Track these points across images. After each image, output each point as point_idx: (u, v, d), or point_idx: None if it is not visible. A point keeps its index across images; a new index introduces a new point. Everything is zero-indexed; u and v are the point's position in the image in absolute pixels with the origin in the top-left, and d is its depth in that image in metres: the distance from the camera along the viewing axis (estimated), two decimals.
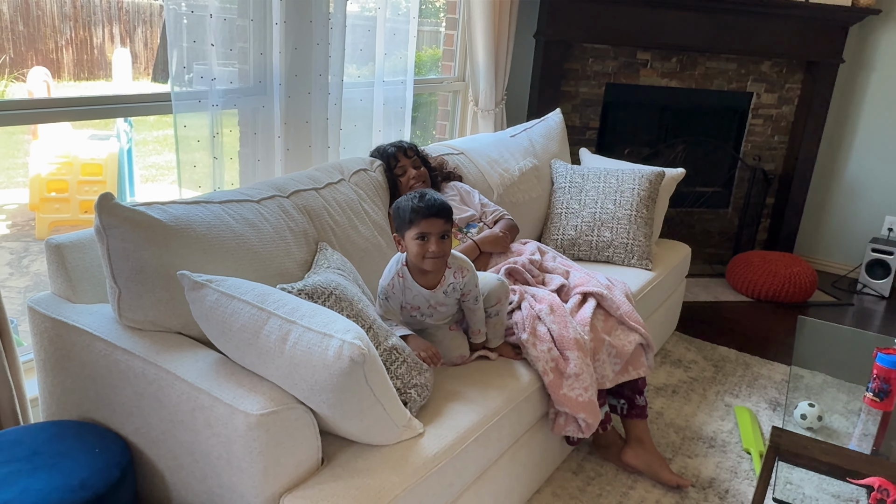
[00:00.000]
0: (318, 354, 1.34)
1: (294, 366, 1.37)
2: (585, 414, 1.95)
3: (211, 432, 1.43)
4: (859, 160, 4.27)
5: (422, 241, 1.77)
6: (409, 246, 1.80)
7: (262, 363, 1.42)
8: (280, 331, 1.38)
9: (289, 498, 1.41)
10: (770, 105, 4.16)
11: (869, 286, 4.09)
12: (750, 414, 2.66)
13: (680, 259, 3.11)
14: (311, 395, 1.39)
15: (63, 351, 1.67)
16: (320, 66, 2.51)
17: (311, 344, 1.35)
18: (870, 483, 1.58)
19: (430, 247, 1.76)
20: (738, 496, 2.20)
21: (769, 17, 3.83)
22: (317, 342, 1.35)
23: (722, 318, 3.62)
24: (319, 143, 2.60)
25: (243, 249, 1.76)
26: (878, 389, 1.92)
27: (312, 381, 1.36)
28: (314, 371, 1.35)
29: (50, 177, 4.62)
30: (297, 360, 1.36)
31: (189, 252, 1.63)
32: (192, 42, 2.14)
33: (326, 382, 1.35)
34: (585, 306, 2.18)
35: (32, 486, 1.43)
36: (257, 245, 1.81)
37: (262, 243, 1.82)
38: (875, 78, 4.13)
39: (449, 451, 1.60)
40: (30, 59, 8.56)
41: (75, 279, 1.73)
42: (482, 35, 3.31)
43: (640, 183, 2.91)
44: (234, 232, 1.76)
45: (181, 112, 2.16)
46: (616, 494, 2.16)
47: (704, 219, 4.32)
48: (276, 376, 1.42)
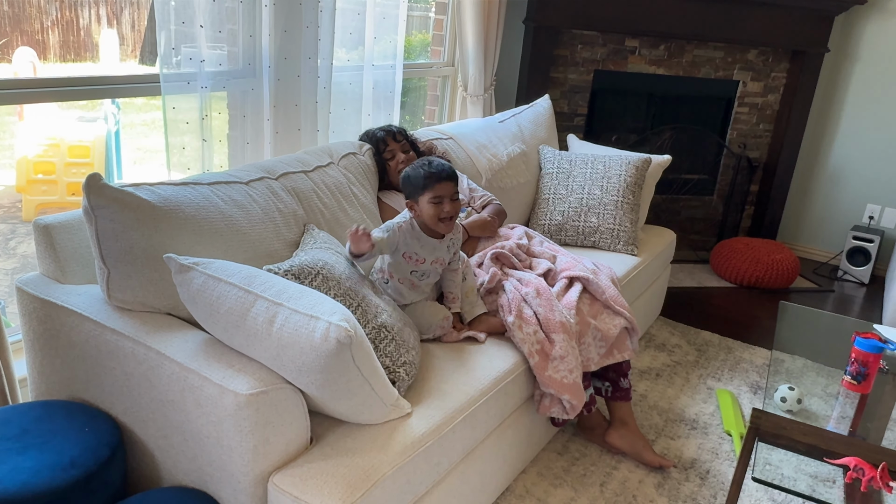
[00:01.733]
0: (305, 336, 1.35)
1: (282, 347, 1.37)
2: (570, 395, 1.97)
3: (201, 412, 1.43)
4: (842, 149, 4.30)
5: (437, 204, 1.88)
6: (425, 209, 1.90)
7: (250, 345, 1.42)
8: (267, 313, 1.38)
9: (278, 476, 1.42)
10: (756, 93, 4.17)
11: (849, 273, 4.14)
12: (731, 397, 2.69)
13: (665, 245, 3.13)
14: (300, 377, 1.40)
15: (52, 331, 1.67)
16: (310, 49, 2.50)
17: (298, 326, 1.36)
18: (846, 463, 1.60)
19: (444, 207, 1.89)
20: (719, 476, 2.23)
21: (756, 6, 3.83)
22: (304, 324, 1.35)
23: (705, 303, 3.65)
24: (308, 126, 2.59)
25: (232, 230, 1.76)
26: (856, 373, 1.95)
27: (300, 362, 1.37)
28: (301, 353, 1.35)
29: (37, 159, 4.56)
30: (285, 342, 1.36)
31: (178, 233, 1.63)
32: (180, 24, 2.12)
33: (314, 364, 1.36)
34: (571, 290, 2.19)
35: (23, 465, 1.43)
36: (246, 226, 1.80)
37: (250, 224, 1.82)
38: (859, 68, 4.15)
39: (436, 431, 1.61)
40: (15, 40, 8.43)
41: (64, 260, 1.73)
42: (472, 20, 3.29)
43: (627, 169, 2.92)
44: (223, 213, 1.76)
45: (170, 94, 2.14)
46: (600, 474, 2.19)
47: (690, 205, 4.34)
48: (264, 358, 1.42)
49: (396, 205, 2.37)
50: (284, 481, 1.41)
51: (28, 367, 1.78)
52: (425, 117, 3.86)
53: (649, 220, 4.16)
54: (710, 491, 2.16)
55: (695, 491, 2.15)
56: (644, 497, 2.11)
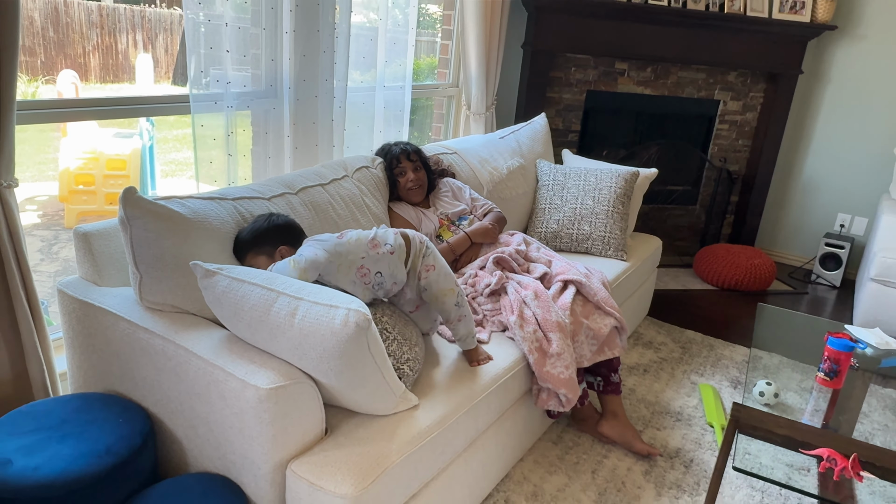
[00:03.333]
0: (326, 324, 1.35)
1: (304, 337, 1.37)
2: (566, 390, 1.96)
3: (225, 404, 1.43)
4: (815, 163, 4.28)
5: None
6: None
7: (272, 339, 1.42)
8: (289, 307, 1.38)
9: (296, 464, 1.42)
10: (735, 112, 4.16)
11: (822, 277, 4.12)
12: (713, 391, 2.68)
13: (652, 251, 3.12)
14: (320, 364, 1.39)
15: (90, 330, 1.67)
16: (326, 71, 2.50)
17: (319, 315, 1.36)
18: (820, 454, 1.59)
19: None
20: (702, 465, 2.22)
21: (736, 32, 3.83)
22: (324, 313, 1.35)
23: (689, 304, 3.63)
24: (325, 142, 2.59)
25: None
26: (829, 370, 1.94)
27: (321, 349, 1.37)
28: (322, 339, 1.35)
29: (78, 171, 4.59)
30: (307, 332, 1.36)
31: (205, 242, 1.63)
32: (209, 48, 2.13)
33: (334, 349, 1.36)
34: (566, 292, 2.18)
35: (62, 452, 1.43)
36: None
37: None
38: (830, 88, 4.14)
39: (441, 423, 1.61)
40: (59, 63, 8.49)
41: (101, 264, 1.73)
42: (474, 45, 3.29)
43: (617, 181, 2.91)
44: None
45: (199, 112, 2.14)
46: (592, 462, 2.17)
47: (674, 214, 4.33)
48: (285, 350, 1.42)
49: (406, 214, 2.37)
50: (302, 468, 1.40)
51: (67, 362, 1.79)
52: (432, 133, 3.86)
53: (637, 227, 4.17)
54: (693, 478, 2.14)
55: (679, 478, 2.14)
56: (632, 483, 2.09)
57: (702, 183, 4.29)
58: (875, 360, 2.30)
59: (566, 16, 3.57)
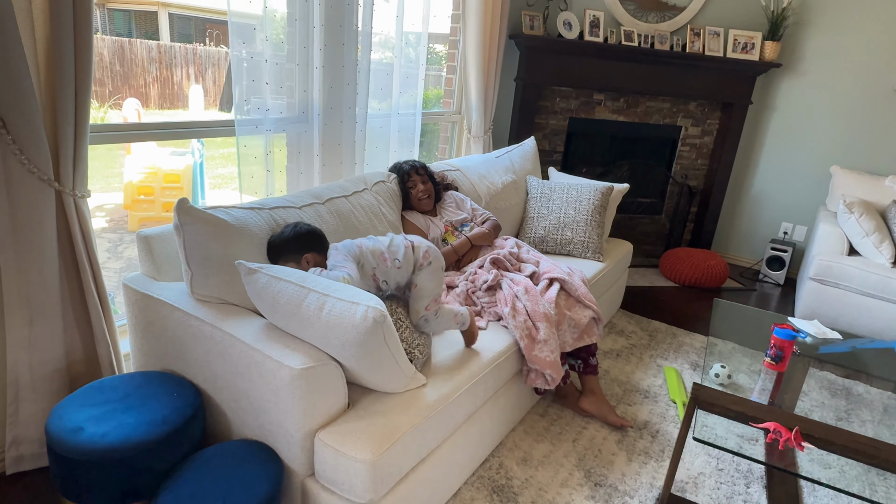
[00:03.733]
0: (348, 318, 1.34)
1: (329, 328, 1.37)
2: (551, 370, 1.95)
3: (263, 381, 1.43)
4: (762, 179, 4.26)
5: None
6: None
7: (303, 328, 1.42)
8: (318, 302, 1.38)
9: (323, 433, 1.41)
10: (695, 136, 4.14)
11: (768, 276, 4.09)
12: (676, 373, 2.66)
13: (624, 253, 3.11)
14: (342, 351, 1.39)
15: (149, 318, 1.67)
16: (350, 101, 2.50)
17: (343, 310, 1.35)
18: (767, 427, 1.58)
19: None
20: (666, 435, 2.20)
21: (695, 69, 3.81)
22: (347, 309, 1.35)
23: (655, 299, 3.61)
24: (348, 160, 2.58)
25: None
26: (775, 355, 1.93)
27: (344, 339, 1.36)
28: (345, 331, 1.35)
29: (139, 183, 4.60)
30: (332, 324, 1.36)
31: (246, 245, 1.63)
32: (251, 81, 2.12)
33: (354, 339, 1.35)
34: (552, 288, 2.17)
35: (126, 421, 1.43)
36: None
37: None
38: (775, 116, 4.12)
39: (445, 399, 1.61)
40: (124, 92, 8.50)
41: (159, 263, 1.73)
42: (474, 79, 3.29)
43: (595, 194, 2.90)
44: None
45: (242, 135, 2.14)
46: (573, 432, 2.16)
47: (643, 223, 4.31)
48: (314, 337, 1.41)
49: (416, 221, 2.36)
50: (328, 437, 1.40)
51: (130, 344, 1.79)
52: (438, 153, 3.85)
53: (612, 234, 4.16)
54: (659, 446, 2.13)
55: (647, 446, 2.13)
56: (607, 451, 2.08)
57: (666, 196, 4.28)
58: (814, 347, 2.28)
59: (552, 55, 3.56)
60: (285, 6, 2.21)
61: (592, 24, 3.59)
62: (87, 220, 1.69)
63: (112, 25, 10.78)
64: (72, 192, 1.62)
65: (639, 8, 3.71)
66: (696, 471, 2.02)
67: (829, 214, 3.67)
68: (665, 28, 3.76)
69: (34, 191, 1.55)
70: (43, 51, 1.51)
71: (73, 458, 1.35)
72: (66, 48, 1.49)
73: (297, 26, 2.25)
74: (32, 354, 1.68)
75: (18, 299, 1.62)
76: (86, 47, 1.53)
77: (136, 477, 1.38)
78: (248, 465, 1.40)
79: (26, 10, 1.45)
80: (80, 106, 1.57)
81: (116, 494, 1.38)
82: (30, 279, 1.62)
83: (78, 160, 1.61)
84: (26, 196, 1.55)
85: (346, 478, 1.37)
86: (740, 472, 2.04)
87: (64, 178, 1.59)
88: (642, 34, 3.69)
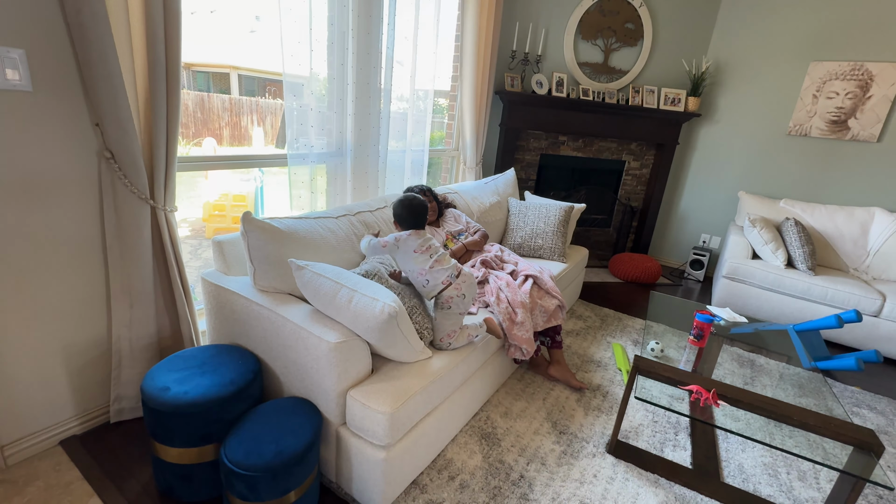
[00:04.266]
0: (370, 310, 1.34)
1: (355, 316, 1.37)
2: (526, 346, 1.94)
3: (307, 353, 1.42)
4: (686, 201, 4.26)
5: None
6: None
7: (337, 314, 1.41)
8: (348, 295, 1.38)
9: (353, 391, 1.41)
10: (636, 168, 4.14)
11: (691, 275, 4.08)
12: (621, 348, 2.65)
13: (582, 256, 3.10)
14: (366, 333, 1.39)
15: (221, 303, 1.66)
16: (374, 140, 2.49)
17: (366, 304, 1.35)
18: (691, 388, 1.57)
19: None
20: (614, 395, 2.19)
21: (636, 117, 3.81)
22: (369, 303, 1.34)
23: (605, 291, 3.60)
24: (372, 185, 2.58)
25: (327, 246, 1.75)
26: (697, 334, 1.92)
27: (366, 325, 1.36)
28: (367, 320, 1.35)
29: (215, 202, 4.59)
30: (358, 313, 1.36)
31: (296, 247, 1.62)
32: (300, 125, 2.12)
33: (374, 326, 1.35)
34: (527, 283, 2.16)
35: (203, 382, 1.42)
36: (334, 244, 1.79)
37: (337, 242, 1.81)
38: (696, 153, 4.12)
39: (446, 368, 1.60)
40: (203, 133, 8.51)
41: (229, 261, 1.72)
42: (469, 124, 3.29)
43: (560, 212, 2.90)
44: (322, 236, 1.75)
45: (293, 165, 2.14)
46: (542, 393, 2.15)
47: (596, 233, 4.30)
48: (345, 321, 1.41)
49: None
50: (357, 394, 1.39)
51: (206, 323, 1.78)
52: (441, 180, 3.85)
53: (573, 242, 4.14)
54: (608, 404, 2.12)
55: (600, 404, 2.11)
56: (569, 407, 2.07)
57: (614, 213, 4.27)
58: (726, 328, 2.28)
59: (527, 106, 3.56)
60: (326, 69, 2.22)
61: (558, 83, 3.60)
62: (174, 228, 1.69)
63: (195, 83, 10.81)
64: (163, 208, 1.62)
65: (593, 71, 3.73)
66: (636, 423, 2.01)
67: (737, 228, 3.66)
68: (613, 86, 3.77)
69: (134, 206, 1.55)
70: (143, 101, 1.51)
71: (163, 411, 1.34)
72: (160, 100, 1.50)
73: (334, 84, 2.25)
74: (132, 331, 1.67)
75: (122, 288, 1.62)
76: (175, 98, 1.53)
77: (209, 425, 1.38)
78: (296, 416, 1.39)
79: (130, 71, 1.45)
80: (170, 143, 1.57)
81: (195, 438, 1.38)
82: (130, 273, 1.61)
83: (168, 183, 1.61)
84: (128, 210, 1.55)
85: (371, 426, 1.37)
86: (670, 423, 2.03)
87: (157, 196, 1.59)
88: (596, 91, 3.70)
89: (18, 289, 1.45)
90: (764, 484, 1.73)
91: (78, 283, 1.57)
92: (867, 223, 3.30)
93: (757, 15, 3.65)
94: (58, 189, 1.46)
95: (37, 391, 1.55)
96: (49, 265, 1.50)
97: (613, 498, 1.60)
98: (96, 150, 1.50)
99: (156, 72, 1.46)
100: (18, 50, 1.30)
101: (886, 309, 2.79)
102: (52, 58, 1.36)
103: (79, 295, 1.58)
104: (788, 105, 3.64)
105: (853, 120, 3.40)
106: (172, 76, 1.50)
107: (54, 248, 1.50)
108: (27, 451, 1.55)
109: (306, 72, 2.07)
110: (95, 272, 1.60)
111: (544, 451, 1.78)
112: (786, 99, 3.64)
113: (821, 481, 1.77)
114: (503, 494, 1.57)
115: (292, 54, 2.00)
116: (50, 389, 1.58)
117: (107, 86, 1.39)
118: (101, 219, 1.56)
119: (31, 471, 1.51)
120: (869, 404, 2.34)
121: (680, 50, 3.82)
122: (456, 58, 3.36)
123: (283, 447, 1.29)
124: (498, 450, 1.77)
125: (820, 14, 3.41)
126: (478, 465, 1.68)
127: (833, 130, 3.49)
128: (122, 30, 1.40)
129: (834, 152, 3.54)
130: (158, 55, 1.45)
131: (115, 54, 1.37)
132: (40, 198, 1.44)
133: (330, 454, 1.48)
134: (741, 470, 1.78)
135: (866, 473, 1.33)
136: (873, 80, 3.29)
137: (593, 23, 3.62)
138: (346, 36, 2.21)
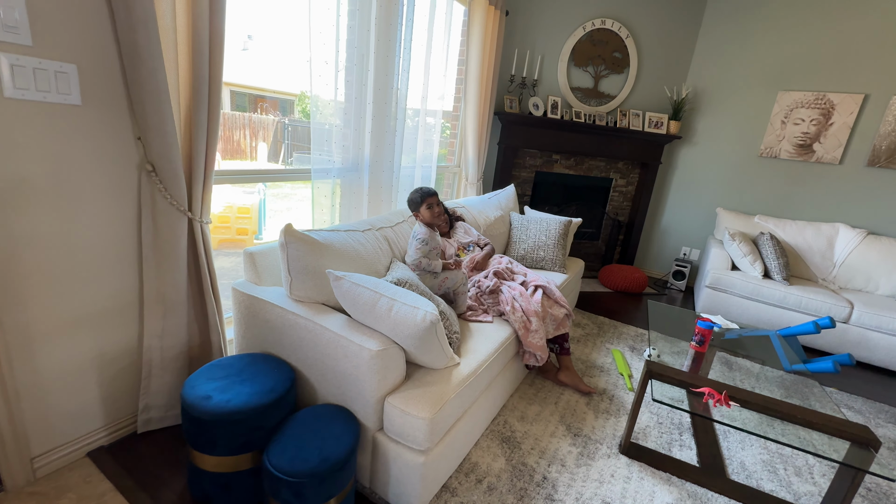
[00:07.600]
0: (411, 318, 1.34)
1: (396, 325, 1.36)
2: (540, 352, 1.96)
3: (347, 360, 1.41)
4: (668, 216, 4.39)
5: (430, 209, 1.96)
6: (425, 214, 1.96)
7: (376, 323, 1.41)
8: (388, 304, 1.38)
9: (391, 398, 1.40)
10: (622, 185, 4.26)
11: (674, 285, 4.19)
12: (620, 353, 2.70)
13: (579, 267, 3.16)
14: (405, 340, 1.39)
15: (253, 312, 1.63)
16: (389, 156, 2.51)
17: (407, 312, 1.35)
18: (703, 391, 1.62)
19: (436, 209, 1.96)
20: (620, 399, 2.22)
21: (623, 139, 3.94)
22: (410, 312, 1.35)
23: (598, 300, 3.67)
24: (387, 198, 2.58)
25: (359, 257, 1.74)
26: (699, 340, 1.98)
27: (407, 333, 1.36)
28: (408, 327, 1.35)
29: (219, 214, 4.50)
30: (398, 322, 1.35)
31: (332, 258, 1.61)
32: (324, 141, 2.12)
33: (415, 334, 1.35)
34: (537, 293, 2.19)
35: (243, 390, 1.39)
36: (364, 255, 1.79)
37: (367, 254, 1.80)
38: (677, 172, 4.27)
39: (473, 373, 1.60)
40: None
41: (260, 272, 1.70)
42: (471, 143, 3.34)
43: (560, 226, 2.95)
44: (353, 248, 1.74)
45: (316, 180, 2.13)
46: (554, 397, 2.17)
47: (586, 246, 4.39)
48: (384, 329, 1.40)
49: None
50: (395, 401, 1.39)
51: (234, 332, 1.74)
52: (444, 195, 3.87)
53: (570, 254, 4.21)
54: (615, 407, 2.15)
55: (607, 407, 2.14)
56: (580, 410, 2.09)
57: (602, 227, 4.37)
58: (720, 334, 2.35)
59: (524, 127, 3.64)
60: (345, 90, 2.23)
61: (553, 106, 3.70)
62: (209, 240, 1.66)
63: None
64: (199, 220, 1.59)
65: (584, 95, 3.85)
66: (643, 424, 2.04)
67: (716, 241, 3.80)
68: (602, 110, 3.90)
69: (173, 217, 1.52)
70: (185, 116, 1.49)
71: (205, 420, 1.31)
72: (202, 114, 1.48)
73: (354, 104, 2.27)
74: (164, 340, 1.62)
75: (156, 298, 1.58)
76: (215, 113, 1.52)
77: (251, 432, 1.35)
78: (335, 423, 1.38)
79: (174, 87, 1.44)
80: (209, 156, 1.55)
81: (236, 446, 1.34)
82: (166, 283, 1.57)
83: (205, 195, 1.59)
84: (166, 221, 1.52)
85: (411, 431, 1.36)
86: (674, 424, 2.07)
87: (195, 208, 1.56)
88: (587, 113, 3.81)
89: (57, 297, 1.40)
90: (765, 480, 1.78)
91: (112, 293, 1.52)
92: (833, 237, 3.48)
93: (731, 47, 3.85)
94: (98, 199, 1.42)
95: (68, 401, 1.49)
96: (85, 274, 1.45)
97: (632, 496, 1.62)
98: (137, 163, 1.47)
99: (199, 88, 1.45)
100: (71, 65, 1.28)
101: (854, 316, 2.93)
102: (102, 74, 1.34)
103: (113, 304, 1.53)
104: (759, 129, 3.83)
105: (818, 144, 3.60)
106: (214, 92, 1.49)
107: (90, 257, 1.45)
108: (56, 463, 1.48)
109: (331, 93, 2.08)
110: (129, 282, 1.55)
111: (563, 453, 1.80)
112: (757, 124, 3.83)
113: (815, 476, 1.84)
114: (529, 496, 1.58)
115: (319, 74, 2.01)
116: (81, 399, 1.52)
117: (154, 101, 1.37)
118: (139, 229, 1.52)
119: (60, 483, 1.43)
120: (847, 404, 2.44)
121: (662, 77, 3.98)
122: (459, 80, 3.42)
123: (327, 453, 1.27)
124: (519, 452, 1.77)
125: (787, 48, 3.62)
126: (502, 468, 1.69)
127: (800, 153, 3.68)
128: (170, 48, 1.39)
129: (801, 173, 3.73)
130: (202, 72, 1.44)
131: (164, 71, 1.36)
132: (81, 207, 1.40)
133: (365, 459, 1.46)
134: (743, 467, 1.83)
135: (865, 467, 1.40)
136: (834, 109, 3.50)
137: (585, 51, 3.75)
138: (365, 58, 2.23)
